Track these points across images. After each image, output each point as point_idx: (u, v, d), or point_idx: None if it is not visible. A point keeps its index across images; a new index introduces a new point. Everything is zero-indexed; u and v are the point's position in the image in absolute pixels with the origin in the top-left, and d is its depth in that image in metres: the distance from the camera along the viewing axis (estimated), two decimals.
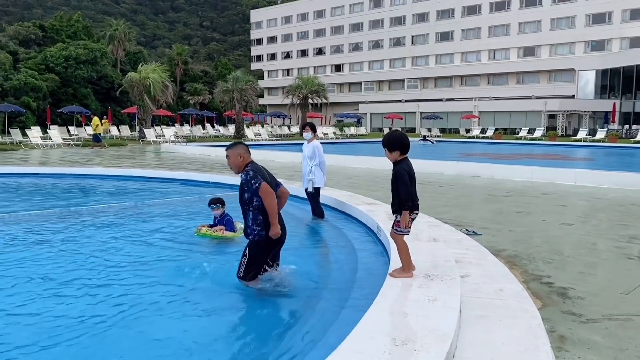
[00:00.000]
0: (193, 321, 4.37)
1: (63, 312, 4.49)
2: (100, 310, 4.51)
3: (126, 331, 4.14)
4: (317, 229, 8.27)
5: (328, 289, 5.16)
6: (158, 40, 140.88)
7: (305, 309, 4.65)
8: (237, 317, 4.62)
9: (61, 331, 4.06)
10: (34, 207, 9.78)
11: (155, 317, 4.44)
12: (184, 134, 41.95)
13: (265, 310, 4.73)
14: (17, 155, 23.28)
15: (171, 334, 4.06)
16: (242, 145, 5.18)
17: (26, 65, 46.46)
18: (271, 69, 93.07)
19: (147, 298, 4.85)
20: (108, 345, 3.88)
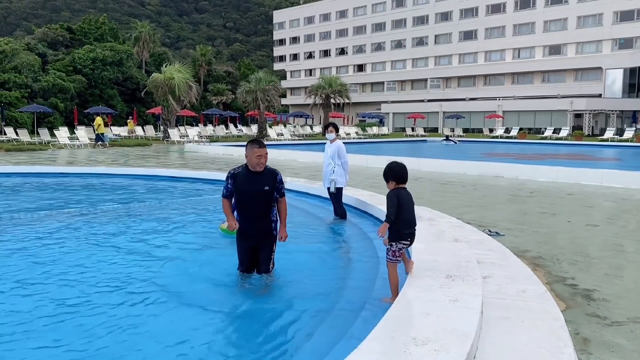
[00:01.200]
0: (203, 316, 4.44)
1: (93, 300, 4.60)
2: (127, 302, 4.61)
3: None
4: (337, 229, 8.29)
5: (349, 288, 5.17)
6: (182, 41, 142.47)
7: (326, 309, 4.67)
8: (261, 316, 4.67)
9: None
10: (54, 206, 10.00)
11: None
12: (207, 134, 42.34)
13: (282, 310, 4.77)
14: (44, 155, 23.79)
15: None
16: (261, 143, 5.29)
17: (54, 67, 47.47)
18: (294, 69, 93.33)
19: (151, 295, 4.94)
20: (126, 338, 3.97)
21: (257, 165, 5.01)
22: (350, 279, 5.58)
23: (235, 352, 3.89)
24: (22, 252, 6.56)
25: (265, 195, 5.06)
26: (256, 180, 5.05)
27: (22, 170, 15.91)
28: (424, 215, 7.61)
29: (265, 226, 5.19)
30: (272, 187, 5.08)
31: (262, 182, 5.04)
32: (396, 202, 4.51)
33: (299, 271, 5.78)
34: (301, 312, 4.62)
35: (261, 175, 5.07)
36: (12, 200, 11.16)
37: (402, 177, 4.67)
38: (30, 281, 5.34)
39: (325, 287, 5.29)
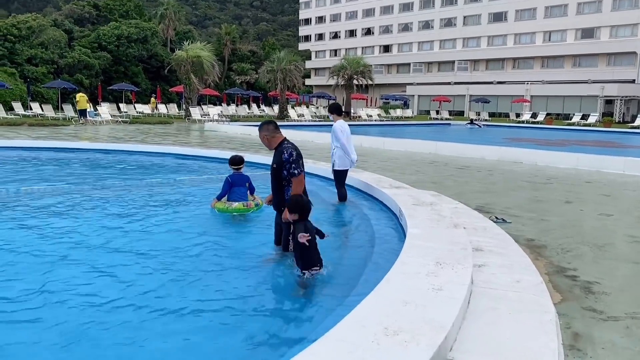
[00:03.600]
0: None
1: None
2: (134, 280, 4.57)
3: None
4: (339, 210, 8.14)
5: (338, 273, 5.03)
6: (209, 20, 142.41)
7: (311, 294, 4.56)
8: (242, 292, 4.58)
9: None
10: (66, 181, 10.07)
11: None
12: (229, 113, 42.37)
13: (263, 291, 4.68)
14: (66, 130, 24.08)
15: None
16: (267, 126, 5.36)
17: (80, 43, 47.90)
18: (319, 50, 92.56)
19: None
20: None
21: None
22: (342, 262, 5.44)
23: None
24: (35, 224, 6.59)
25: (274, 172, 5.26)
26: (272, 158, 5.33)
27: (37, 145, 16.12)
28: (426, 200, 7.42)
29: (277, 203, 5.35)
30: (279, 165, 5.16)
31: (273, 160, 5.28)
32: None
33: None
34: (283, 295, 4.51)
35: (274, 153, 5.31)
36: (25, 174, 11.29)
37: (306, 212, 4.83)
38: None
39: None
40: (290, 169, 5.12)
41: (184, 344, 3.60)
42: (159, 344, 3.58)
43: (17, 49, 41.11)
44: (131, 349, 3.50)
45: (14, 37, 41.46)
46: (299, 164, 5.17)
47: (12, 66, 39.86)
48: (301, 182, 5.18)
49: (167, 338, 3.65)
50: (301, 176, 5.17)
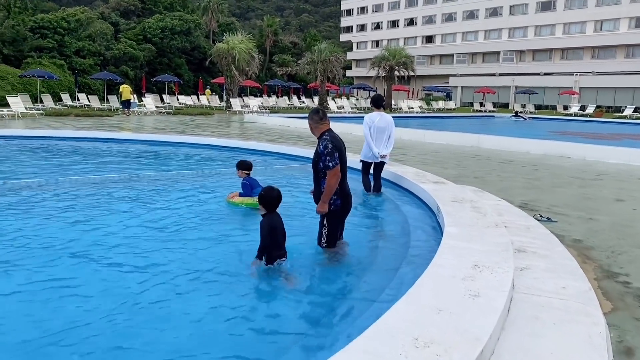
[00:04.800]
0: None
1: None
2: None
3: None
4: (373, 205, 7.89)
5: (367, 275, 4.79)
6: (252, 11, 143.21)
7: (336, 296, 4.35)
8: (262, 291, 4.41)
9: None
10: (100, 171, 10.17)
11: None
12: (269, 105, 42.46)
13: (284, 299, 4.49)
14: (109, 121, 24.56)
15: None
16: (313, 115, 5.28)
17: (126, 35, 48.91)
18: (360, 41, 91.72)
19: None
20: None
21: None
22: (373, 261, 5.21)
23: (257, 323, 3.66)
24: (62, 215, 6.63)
25: (313, 163, 5.13)
26: (315, 151, 5.20)
27: (80, 135, 16.45)
28: (466, 197, 7.08)
29: (316, 195, 5.21)
30: (317, 157, 5.06)
31: (316, 153, 5.14)
32: (268, 231, 4.67)
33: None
34: (304, 299, 4.31)
35: (317, 142, 5.17)
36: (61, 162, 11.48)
37: (272, 204, 4.81)
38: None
39: (343, 267, 4.95)
40: (325, 161, 4.94)
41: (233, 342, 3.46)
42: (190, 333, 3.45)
43: (66, 41, 42.27)
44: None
45: (63, 30, 42.64)
46: (334, 156, 4.94)
47: (61, 58, 41.04)
48: (335, 175, 4.93)
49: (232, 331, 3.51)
50: (336, 169, 4.93)
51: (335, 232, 5.21)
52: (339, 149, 5.07)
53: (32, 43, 40.57)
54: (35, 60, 39.12)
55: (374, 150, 8.14)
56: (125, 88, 31.09)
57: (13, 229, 5.96)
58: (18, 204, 7.25)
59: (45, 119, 23.87)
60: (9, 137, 16.03)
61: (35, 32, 41.57)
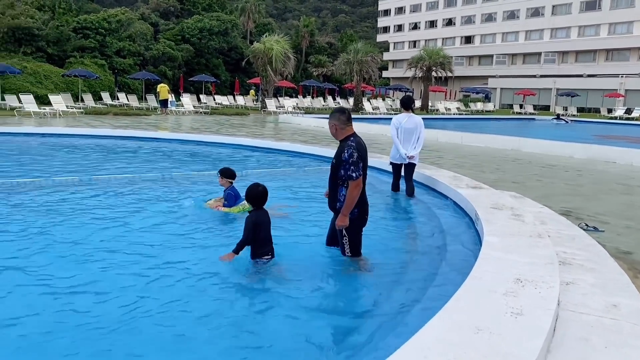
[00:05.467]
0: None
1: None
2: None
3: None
4: (407, 210, 7.63)
5: (398, 287, 4.52)
6: (289, 12, 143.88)
7: (362, 309, 4.11)
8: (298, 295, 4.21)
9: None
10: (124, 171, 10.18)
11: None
12: (304, 105, 42.41)
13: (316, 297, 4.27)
14: (147, 120, 24.88)
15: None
16: (339, 115, 4.84)
17: (165, 36, 49.69)
18: (397, 41, 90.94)
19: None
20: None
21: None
22: (406, 270, 4.94)
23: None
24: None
25: (332, 168, 4.79)
26: (335, 152, 4.87)
27: (116, 134, 16.66)
28: (507, 203, 6.73)
29: (331, 202, 4.91)
30: (338, 162, 4.71)
31: (335, 154, 4.82)
32: (251, 227, 4.68)
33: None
34: (338, 306, 4.08)
35: (338, 147, 4.84)
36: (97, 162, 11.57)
37: (260, 200, 4.87)
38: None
39: (374, 275, 4.71)
40: (349, 171, 4.61)
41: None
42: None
43: (107, 41, 43.19)
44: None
45: (105, 31, 43.59)
46: (358, 166, 4.62)
47: (102, 58, 41.96)
48: (358, 187, 4.63)
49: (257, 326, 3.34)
50: (359, 181, 4.62)
51: (357, 240, 4.91)
52: (364, 159, 4.77)
53: (75, 43, 41.60)
54: (78, 59, 40.10)
55: (401, 151, 8.04)
56: (163, 87, 31.50)
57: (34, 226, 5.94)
58: (28, 203, 7.27)
59: (84, 117, 24.35)
60: (47, 134, 16.36)
61: (78, 32, 42.63)
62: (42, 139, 15.62)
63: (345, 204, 4.65)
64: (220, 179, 6.91)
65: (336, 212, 4.85)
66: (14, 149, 13.45)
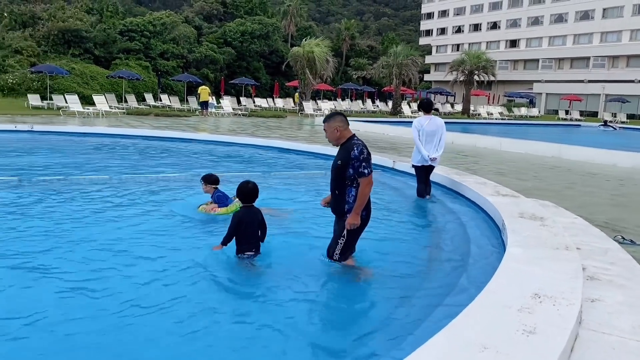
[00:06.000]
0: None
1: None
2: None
3: None
4: (432, 215, 7.42)
5: (408, 300, 4.33)
6: (332, 16, 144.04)
7: (380, 314, 3.96)
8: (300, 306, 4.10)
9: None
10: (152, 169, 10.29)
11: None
12: (342, 108, 42.29)
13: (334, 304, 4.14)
14: (186, 121, 25.28)
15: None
16: (340, 117, 4.80)
17: (207, 39, 50.50)
18: (440, 44, 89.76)
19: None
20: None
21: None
22: (424, 278, 4.76)
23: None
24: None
25: (336, 170, 4.69)
26: (336, 155, 4.77)
27: (154, 134, 16.97)
28: (538, 212, 6.43)
29: (337, 206, 4.77)
30: (345, 162, 4.59)
31: (337, 157, 4.72)
32: (236, 224, 4.89)
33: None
34: (353, 309, 3.94)
35: (339, 149, 4.75)
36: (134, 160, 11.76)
37: (250, 197, 5.07)
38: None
39: (391, 281, 4.55)
40: (360, 168, 4.54)
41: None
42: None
43: (152, 44, 44.21)
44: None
45: (150, 33, 44.65)
46: (370, 162, 4.60)
47: (146, 60, 42.96)
48: (370, 184, 4.60)
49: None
50: (371, 177, 4.59)
51: (352, 244, 4.82)
52: (371, 157, 4.72)
53: (121, 45, 42.76)
54: (123, 61, 41.18)
55: (423, 153, 8.07)
56: (204, 90, 31.98)
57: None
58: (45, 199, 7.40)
59: (126, 118, 24.93)
60: (88, 134, 16.80)
61: (124, 34, 43.80)
62: (78, 138, 16.02)
63: (357, 203, 4.58)
64: (204, 185, 6.84)
65: (342, 216, 4.73)
66: (44, 146, 13.85)
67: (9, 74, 33.88)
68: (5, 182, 8.45)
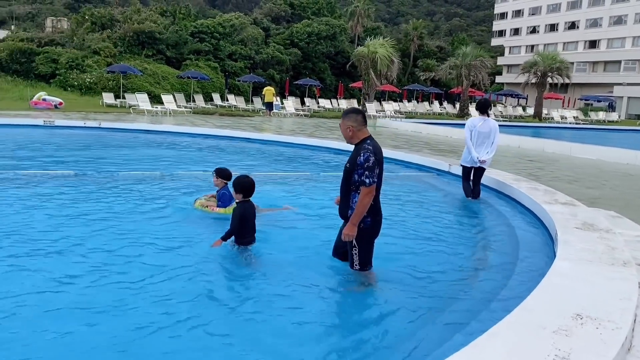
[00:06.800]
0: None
1: None
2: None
3: None
4: (480, 222, 7.02)
5: (436, 314, 4.00)
6: (401, 16, 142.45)
7: (398, 325, 3.69)
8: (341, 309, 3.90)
9: None
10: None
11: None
12: (408, 109, 41.61)
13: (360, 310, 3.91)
14: (247, 121, 25.65)
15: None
16: (355, 116, 4.47)
17: (274, 40, 51.12)
18: (513, 45, 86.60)
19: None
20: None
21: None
22: (464, 287, 4.43)
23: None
24: None
25: (345, 172, 4.41)
26: (349, 157, 4.47)
27: (212, 133, 17.30)
28: (598, 224, 5.89)
29: (342, 210, 4.52)
30: (352, 166, 4.31)
31: (349, 158, 4.42)
32: (239, 219, 5.02)
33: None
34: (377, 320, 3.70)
35: (353, 150, 4.44)
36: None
37: (250, 191, 5.20)
38: None
39: (428, 287, 4.26)
40: (362, 176, 4.21)
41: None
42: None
43: (221, 45, 45.27)
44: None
45: (219, 35, 45.73)
46: (373, 172, 4.23)
47: (215, 61, 44.04)
48: (370, 194, 4.23)
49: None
50: (372, 188, 4.22)
51: (368, 252, 4.51)
52: (380, 163, 4.36)
53: (192, 46, 44.04)
54: (193, 62, 42.39)
55: (473, 155, 7.98)
56: (269, 90, 32.38)
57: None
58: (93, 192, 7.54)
59: (191, 117, 25.61)
60: (151, 131, 17.33)
61: (195, 36, 45.08)
62: (145, 135, 16.55)
63: (355, 212, 4.28)
64: (215, 178, 6.61)
65: (347, 220, 4.45)
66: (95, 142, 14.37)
67: (87, 74, 35.68)
68: (63, 175, 8.79)
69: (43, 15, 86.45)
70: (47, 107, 24.48)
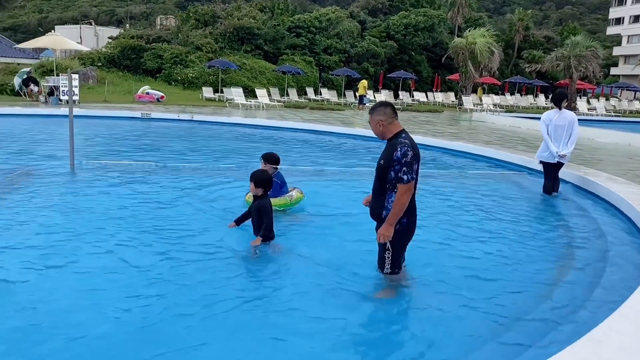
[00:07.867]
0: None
1: None
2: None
3: None
4: (565, 225, 6.29)
5: (503, 328, 3.53)
6: (507, 6, 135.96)
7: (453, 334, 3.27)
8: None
9: None
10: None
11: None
12: (509, 103, 39.52)
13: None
14: (336, 114, 25.53)
15: None
16: (383, 109, 4.09)
17: (370, 33, 50.61)
18: (632, 34, 79.42)
19: None
20: None
21: None
22: (539, 300, 3.88)
23: None
24: None
25: (379, 169, 4.04)
26: (382, 152, 4.12)
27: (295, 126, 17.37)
28: None
29: (375, 210, 4.12)
30: (387, 162, 3.92)
31: (381, 155, 4.07)
32: (271, 210, 4.99)
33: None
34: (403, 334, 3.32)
35: (386, 146, 4.08)
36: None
37: (270, 186, 5.17)
38: None
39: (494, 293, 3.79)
40: (400, 172, 3.84)
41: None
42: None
43: (317, 39, 45.56)
44: None
45: (315, 29, 46.05)
46: (412, 168, 3.86)
47: (310, 55, 44.43)
48: (408, 191, 3.87)
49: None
50: (410, 185, 3.86)
51: (400, 254, 4.17)
52: (418, 158, 3.95)
53: (288, 41, 44.71)
54: (289, 57, 43.04)
55: (551, 149, 7.62)
56: (362, 83, 32.12)
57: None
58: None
59: (282, 110, 25.94)
60: (239, 124, 17.71)
61: (292, 31, 45.72)
62: (234, 127, 16.91)
63: (392, 212, 3.89)
64: (264, 164, 6.17)
65: (381, 222, 4.04)
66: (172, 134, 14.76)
67: (190, 69, 37.39)
68: (145, 166, 9.09)
69: (155, 14, 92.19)
70: (149, 100, 25.90)
